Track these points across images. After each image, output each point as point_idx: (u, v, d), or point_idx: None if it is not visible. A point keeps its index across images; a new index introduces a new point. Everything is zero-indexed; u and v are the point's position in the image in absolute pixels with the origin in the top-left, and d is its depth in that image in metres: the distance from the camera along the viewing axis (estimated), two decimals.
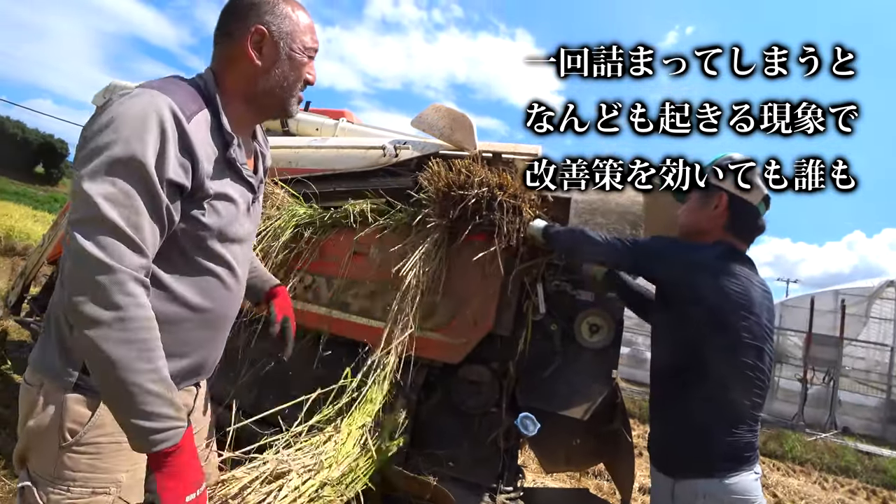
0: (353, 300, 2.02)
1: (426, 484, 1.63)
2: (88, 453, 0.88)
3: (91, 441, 0.88)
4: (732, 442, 1.24)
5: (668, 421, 1.38)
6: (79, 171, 0.79)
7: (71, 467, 0.87)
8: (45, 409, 0.88)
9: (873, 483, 5.71)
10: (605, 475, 3.79)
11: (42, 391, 0.89)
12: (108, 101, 0.85)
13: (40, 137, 34.93)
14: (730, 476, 1.22)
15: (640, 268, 1.48)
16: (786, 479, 5.33)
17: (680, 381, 1.32)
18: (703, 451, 1.26)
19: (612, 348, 1.83)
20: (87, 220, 0.76)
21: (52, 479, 0.86)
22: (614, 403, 1.99)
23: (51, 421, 0.87)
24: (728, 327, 1.26)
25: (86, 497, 0.87)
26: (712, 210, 1.43)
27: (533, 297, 1.84)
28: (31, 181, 32.39)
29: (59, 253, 3.63)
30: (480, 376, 1.87)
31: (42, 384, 0.90)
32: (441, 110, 2.14)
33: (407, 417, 1.80)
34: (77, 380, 0.88)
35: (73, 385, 0.88)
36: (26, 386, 0.92)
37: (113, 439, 0.89)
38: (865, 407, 9.77)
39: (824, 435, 7.29)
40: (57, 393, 0.88)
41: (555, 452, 2.12)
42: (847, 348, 9.73)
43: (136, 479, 0.94)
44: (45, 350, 0.92)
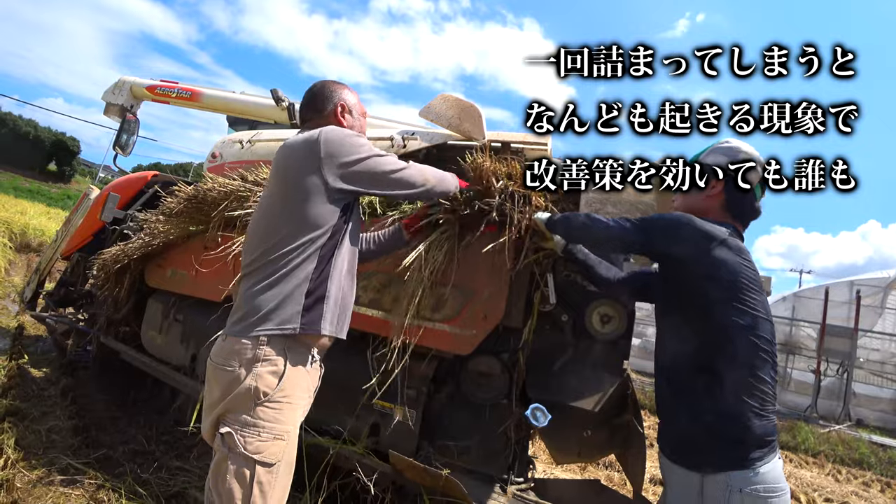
0: (362, 292, 2.02)
1: (437, 475, 1.63)
2: (274, 408, 1.24)
3: (276, 399, 1.24)
4: (764, 425, 1.20)
5: (690, 412, 1.28)
6: None
7: (262, 418, 1.22)
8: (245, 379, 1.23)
9: (887, 475, 5.64)
10: (616, 466, 3.79)
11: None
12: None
13: (53, 135, 35.34)
14: (764, 464, 1.18)
15: (654, 244, 1.40)
16: (798, 470, 5.28)
17: (700, 368, 1.26)
18: (735, 439, 1.20)
19: (624, 339, 1.81)
20: None
21: (247, 426, 1.21)
22: (625, 395, 1.97)
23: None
24: (748, 303, 1.23)
25: (270, 441, 1.22)
26: (709, 190, 1.42)
27: (543, 288, 1.83)
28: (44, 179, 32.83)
29: (73, 249, 3.69)
30: (490, 368, 1.86)
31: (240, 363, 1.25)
32: (449, 100, 2.12)
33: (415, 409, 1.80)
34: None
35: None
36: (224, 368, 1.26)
37: (289, 400, 1.26)
38: (880, 399, 9.63)
39: (838, 427, 7.21)
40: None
41: (566, 444, 2.11)
42: (862, 340, 9.58)
43: (297, 432, 1.30)
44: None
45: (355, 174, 1.36)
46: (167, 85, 4.18)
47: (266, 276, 1.31)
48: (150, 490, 2.11)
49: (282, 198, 1.38)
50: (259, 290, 1.30)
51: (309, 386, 1.38)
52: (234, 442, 1.19)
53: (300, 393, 1.32)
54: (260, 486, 1.19)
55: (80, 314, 3.85)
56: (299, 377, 1.31)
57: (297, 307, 1.30)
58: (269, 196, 1.45)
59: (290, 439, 1.27)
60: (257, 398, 1.22)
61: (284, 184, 1.39)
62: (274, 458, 1.22)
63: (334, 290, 1.37)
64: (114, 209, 3.31)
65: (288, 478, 1.28)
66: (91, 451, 2.47)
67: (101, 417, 2.99)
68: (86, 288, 3.77)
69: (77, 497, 2.06)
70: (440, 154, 2.22)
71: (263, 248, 1.34)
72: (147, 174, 3.64)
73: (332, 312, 1.36)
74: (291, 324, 1.28)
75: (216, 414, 1.25)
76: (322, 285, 1.34)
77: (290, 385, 1.27)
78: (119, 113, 4.33)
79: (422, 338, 1.82)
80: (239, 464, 1.19)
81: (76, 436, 2.62)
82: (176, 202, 2.60)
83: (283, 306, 1.28)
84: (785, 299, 11.99)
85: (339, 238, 1.39)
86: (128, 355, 2.95)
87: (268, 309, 1.27)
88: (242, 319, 1.30)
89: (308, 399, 1.39)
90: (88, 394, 3.32)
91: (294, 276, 1.30)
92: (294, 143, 1.41)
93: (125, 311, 3.02)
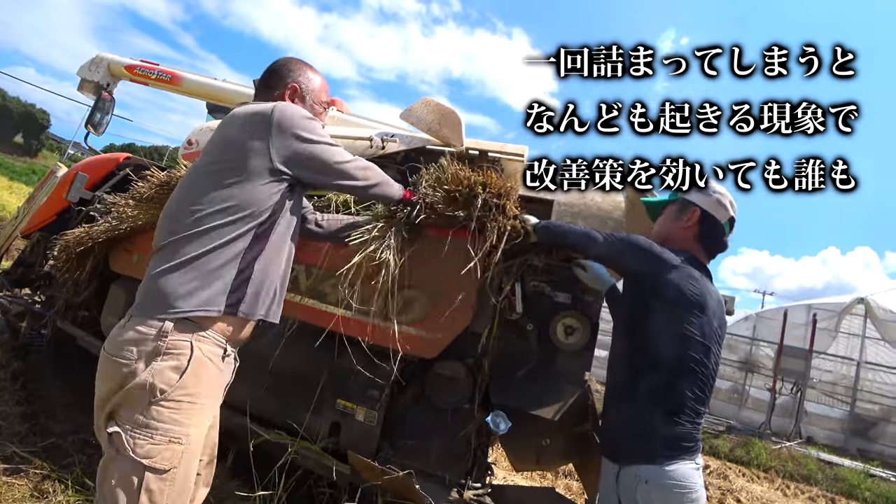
0: (330, 290, 2.01)
1: (394, 477, 1.64)
2: (171, 408, 1.11)
3: (174, 398, 1.11)
4: (676, 430, 1.33)
5: (618, 409, 1.47)
6: None
7: (156, 418, 1.09)
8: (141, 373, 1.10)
9: (832, 491, 5.90)
10: (575, 475, 3.85)
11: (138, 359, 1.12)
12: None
13: (21, 106, 33.77)
14: (669, 463, 1.31)
15: (613, 257, 1.55)
16: (750, 484, 5.48)
17: (631, 371, 1.42)
18: (645, 438, 1.35)
19: (587, 350, 1.85)
20: None
21: (139, 427, 1.08)
22: (586, 405, 2.02)
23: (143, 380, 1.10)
24: (680, 321, 1.35)
25: (164, 444, 1.09)
26: (685, 222, 1.54)
27: (510, 297, 1.86)
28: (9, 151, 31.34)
29: (34, 227, 3.55)
30: (455, 372, 1.88)
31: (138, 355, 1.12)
32: (430, 104, 2.13)
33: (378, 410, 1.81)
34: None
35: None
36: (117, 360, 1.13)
37: (191, 399, 1.13)
38: (830, 418, 10.09)
39: (789, 443, 7.51)
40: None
41: (525, 451, 2.15)
42: (815, 361, 10.01)
43: (200, 434, 1.17)
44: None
45: (302, 156, 1.29)
46: (147, 66, 4.07)
47: (185, 252, 1.18)
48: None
49: (217, 170, 1.26)
50: (174, 267, 1.17)
51: (220, 383, 1.25)
52: (123, 443, 1.06)
53: (207, 391, 1.18)
54: (149, 494, 1.06)
55: (37, 296, 3.70)
56: (207, 373, 1.17)
57: (224, 286, 1.19)
58: (199, 167, 1.32)
59: (190, 444, 1.13)
60: (153, 395, 1.09)
61: (222, 154, 1.28)
62: (167, 464, 1.09)
63: (265, 271, 1.27)
64: (81, 189, 3.19)
65: (188, 485, 1.14)
66: (39, 440, 2.37)
67: (53, 405, 2.88)
68: (45, 269, 3.62)
69: (20, 487, 1.98)
70: (418, 157, 2.23)
71: (185, 222, 1.21)
72: (119, 156, 3.53)
73: (260, 295, 1.27)
74: (214, 305, 1.17)
75: (107, 410, 1.12)
76: (251, 266, 1.24)
77: (193, 382, 1.13)
78: (94, 90, 4.18)
79: (387, 339, 1.83)
80: (126, 468, 1.06)
81: (24, 423, 2.51)
82: (147, 187, 2.53)
83: (206, 286, 1.17)
84: (747, 318, 12.44)
85: (276, 219, 1.29)
86: (85, 341, 2.85)
87: (185, 290, 1.15)
88: (147, 302, 1.16)
89: (217, 398, 1.26)
90: (40, 379, 3.19)
91: (221, 253, 1.19)
92: (241, 113, 1.31)
93: (85, 295, 2.92)
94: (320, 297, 2.00)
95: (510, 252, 1.85)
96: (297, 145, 1.28)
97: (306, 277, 2.05)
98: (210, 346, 1.19)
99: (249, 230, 1.23)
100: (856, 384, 10.06)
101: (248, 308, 1.24)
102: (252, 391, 2.07)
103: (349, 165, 1.40)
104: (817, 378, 10.66)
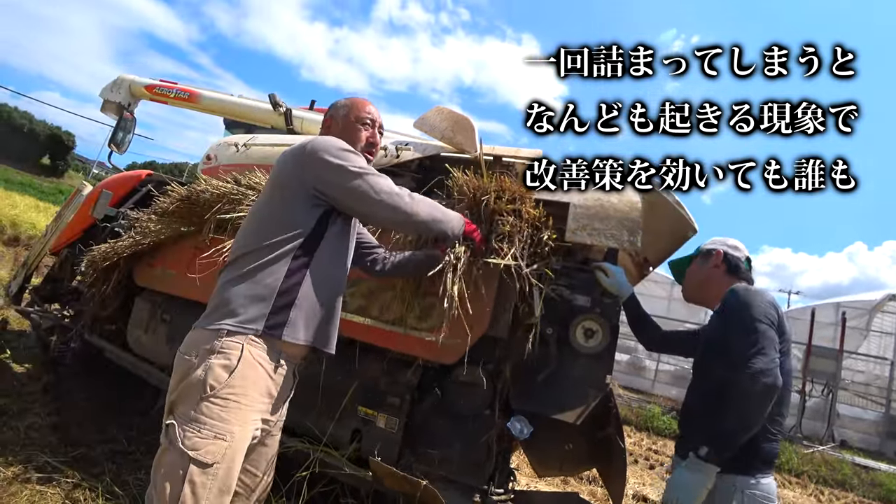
0: (350, 298, 2.03)
1: (416, 483, 1.64)
2: (219, 405, 1.17)
3: (223, 396, 1.17)
4: (770, 447, 1.47)
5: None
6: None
7: (205, 413, 1.16)
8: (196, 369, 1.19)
9: (869, 497, 5.68)
10: (600, 481, 3.79)
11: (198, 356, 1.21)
12: None
13: (48, 129, 35.00)
14: (764, 476, 1.44)
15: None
16: (781, 490, 5.30)
17: (727, 386, 1.43)
18: (747, 451, 1.41)
19: (607, 353, 1.83)
20: None
21: (189, 421, 1.15)
22: (608, 409, 1.99)
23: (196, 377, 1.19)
24: (786, 353, 1.47)
25: (209, 439, 1.15)
26: (712, 264, 1.69)
27: (529, 300, 1.85)
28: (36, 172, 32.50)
29: (62, 244, 3.67)
30: (474, 378, 1.87)
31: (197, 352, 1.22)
32: (443, 112, 2.15)
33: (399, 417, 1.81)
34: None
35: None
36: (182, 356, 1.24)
37: (237, 399, 1.19)
38: (864, 420, 9.72)
39: (821, 447, 7.26)
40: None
41: (547, 456, 2.12)
42: (846, 361, 9.69)
43: (245, 435, 1.21)
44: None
45: (330, 182, 1.33)
46: (166, 85, 4.19)
47: (240, 270, 1.29)
48: (127, 491, 2.09)
49: (268, 197, 1.40)
50: (230, 283, 1.28)
51: (269, 389, 1.28)
52: (175, 435, 1.14)
53: (255, 394, 1.23)
54: (192, 486, 1.11)
55: (66, 311, 3.81)
56: (256, 376, 1.23)
57: (265, 309, 1.25)
58: (261, 195, 1.47)
59: (235, 441, 1.18)
60: (203, 391, 1.16)
61: (271, 184, 1.41)
62: (211, 459, 1.14)
63: (308, 296, 1.32)
64: (106, 206, 3.30)
65: (229, 483, 1.18)
66: (69, 450, 2.43)
67: (82, 415, 2.96)
68: (73, 284, 3.73)
69: (53, 495, 2.03)
70: (433, 165, 2.24)
71: (244, 243, 1.34)
72: (141, 173, 3.63)
73: (305, 320, 1.32)
74: (254, 324, 1.24)
75: (168, 403, 1.22)
76: (294, 290, 1.29)
77: (241, 382, 1.20)
78: (116, 110, 4.33)
79: (407, 346, 1.83)
80: (174, 458, 1.13)
81: (55, 433, 2.59)
82: (169, 202, 2.60)
83: (251, 304, 1.25)
84: None
85: (317, 243, 1.35)
86: (112, 353, 2.92)
87: (236, 303, 1.24)
88: (211, 310, 1.28)
89: (266, 403, 1.28)
90: (70, 391, 3.28)
91: (264, 275, 1.27)
92: (290, 148, 1.43)
93: (112, 308, 3.00)
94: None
95: (528, 256, 1.85)
96: (324, 171, 1.32)
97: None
98: (261, 352, 1.25)
99: (286, 254, 1.30)
100: (890, 384, 9.67)
101: (292, 332, 1.29)
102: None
103: (389, 196, 1.36)
104: (849, 379, 10.31)
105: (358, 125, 1.53)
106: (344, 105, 1.56)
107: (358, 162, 1.36)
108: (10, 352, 3.76)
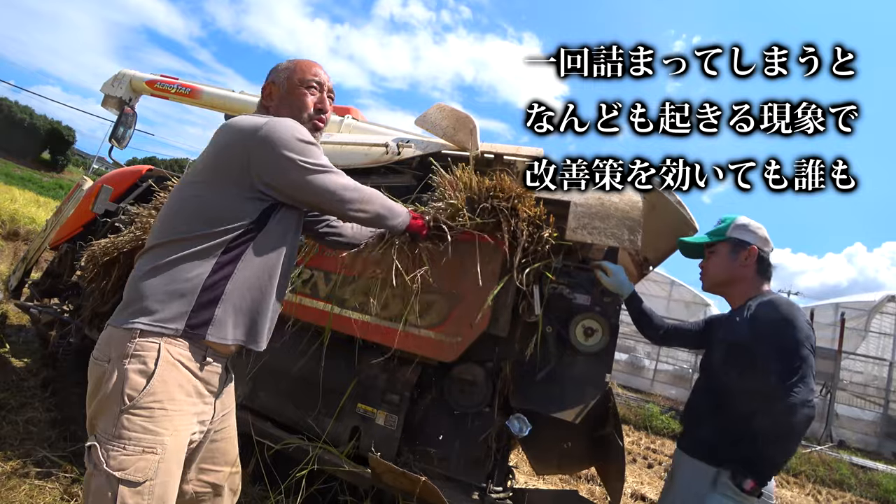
0: (350, 296, 2.03)
1: (415, 480, 1.64)
2: (141, 416, 1.03)
3: (144, 405, 1.03)
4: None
5: (733, 425, 1.47)
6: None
7: (127, 427, 1.02)
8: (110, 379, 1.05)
9: (866, 497, 5.70)
10: (598, 480, 3.79)
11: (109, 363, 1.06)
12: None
13: (48, 124, 34.95)
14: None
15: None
16: (779, 490, 5.32)
17: (753, 398, 1.42)
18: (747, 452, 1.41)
19: (606, 352, 1.83)
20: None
21: (112, 438, 1.02)
22: (607, 408, 1.99)
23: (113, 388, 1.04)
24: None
25: (137, 455, 1.02)
26: (743, 261, 1.57)
27: (529, 299, 1.85)
28: (36, 167, 32.46)
29: (62, 239, 3.66)
30: (474, 376, 1.87)
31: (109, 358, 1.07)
32: (445, 110, 2.14)
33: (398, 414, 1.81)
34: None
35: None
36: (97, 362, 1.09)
37: (162, 406, 1.05)
38: (862, 421, 9.74)
39: (819, 447, 7.27)
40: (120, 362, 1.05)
41: (546, 454, 2.13)
42: (845, 362, 9.70)
43: (178, 443, 1.08)
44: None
45: (284, 176, 1.18)
46: (167, 80, 4.18)
47: (159, 261, 1.12)
48: None
49: (201, 178, 1.20)
50: (147, 275, 1.11)
51: (198, 389, 1.14)
52: (98, 456, 1.00)
53: (181, 396, 1.09)
54: None
55: (65, 306, 3.81)
56: (179, 377, 1.09)
57: (185, 307, 1.10)
58: (190, 173, 1.26)
59: (168, 452, 1.05)
60: (122, 403, 1.02)
61: (209, 161, 1.21)
62: (142, 476, 1.00)
63: (238, 292, 1.16)
64: (106, 201, 3.29)
65: (167, 499, 1.05)
66: (68, 445, 2.44)
67: (80, 411, 2.96)
68: (72, 279, 3.73)
69: (51, 490, 2.04)
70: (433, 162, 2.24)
71: (166, 229, 1.16)
72: (141, 168, 3.63)
73: (234, 317, 1.16)
74: (173, 324, 1.08)
75: (88, 419, 1.07)
76: (221, 285, 1.14)
77: (161, 388, 1.05)
78: (117, 105, 4.32)
79: (407, 343, 1.83)
80: (101, 483, 0.99)
81: (54, 428, 2.59)
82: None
83: (169, 301, 1.09)
84: None
85: (254, 237, 1.19)
86: None
87: (152, 299, 1.08)
88: (124, 306, 1.11)
89: (197, 404, 1.14)
90: (69, 386, 3.28)
91: (187, 268, 1.11)
92: (238, 121, 1.23)
93: (111, 304, 3.00)
94: (339, 302, 2.02)
95: (528, 254, 1.85)
96: (275, 166, 1.17)
97: (325, 283, 2.08)
98: (182, 350, 1.10)
99: (216, 247, 1.14)
100: (888, 385, 9.70)
101: (218, 331, 1.14)
102: (271, 396, 2.10)
103: (341, 192, 1.27)
104: (847, 379, 10.32)
105: (303, 88, 1.34)
106: (286, 67, 1.36)
107: (317, 158, 1.22)
108: (10, 346, 3.76)
